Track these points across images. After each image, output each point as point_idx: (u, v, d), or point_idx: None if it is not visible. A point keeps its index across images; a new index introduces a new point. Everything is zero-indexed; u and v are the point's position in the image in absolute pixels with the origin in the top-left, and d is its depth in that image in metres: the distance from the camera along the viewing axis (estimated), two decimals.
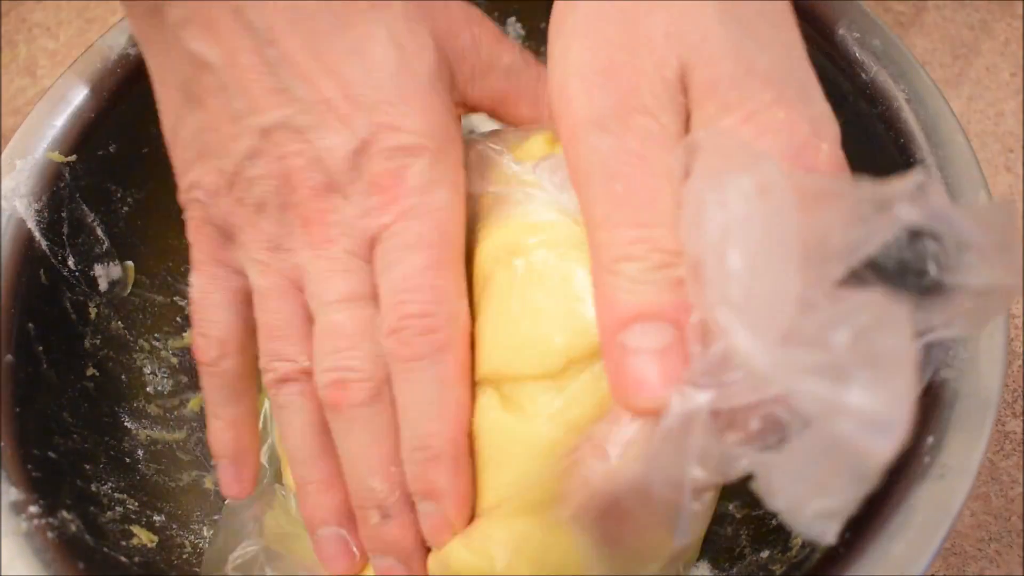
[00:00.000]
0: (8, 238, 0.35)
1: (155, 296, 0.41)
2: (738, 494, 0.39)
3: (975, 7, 0.54)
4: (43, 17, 0.57)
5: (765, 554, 0.35)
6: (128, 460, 0.37)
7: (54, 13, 0.57)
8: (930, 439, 0.29)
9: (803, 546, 0.33)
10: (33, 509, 0.31)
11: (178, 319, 0.42)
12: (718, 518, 0.38)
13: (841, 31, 0.36)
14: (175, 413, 0.40)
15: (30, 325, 0.35)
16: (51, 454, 0.34)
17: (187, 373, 0.41)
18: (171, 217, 0.34)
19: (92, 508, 0.34)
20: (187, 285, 0.35)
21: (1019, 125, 0.50)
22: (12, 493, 0.31)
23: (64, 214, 0.37)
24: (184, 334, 0.42)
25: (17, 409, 0.33)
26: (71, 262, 0.37)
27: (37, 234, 0.36)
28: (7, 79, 0.55)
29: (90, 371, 0.38)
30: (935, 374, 0.31)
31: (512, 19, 0.45)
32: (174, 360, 0.41)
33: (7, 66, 0.55)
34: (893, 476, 0.30)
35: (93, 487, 0.35)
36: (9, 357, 0.34)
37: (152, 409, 0.40)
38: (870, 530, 0.29)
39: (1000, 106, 0.51)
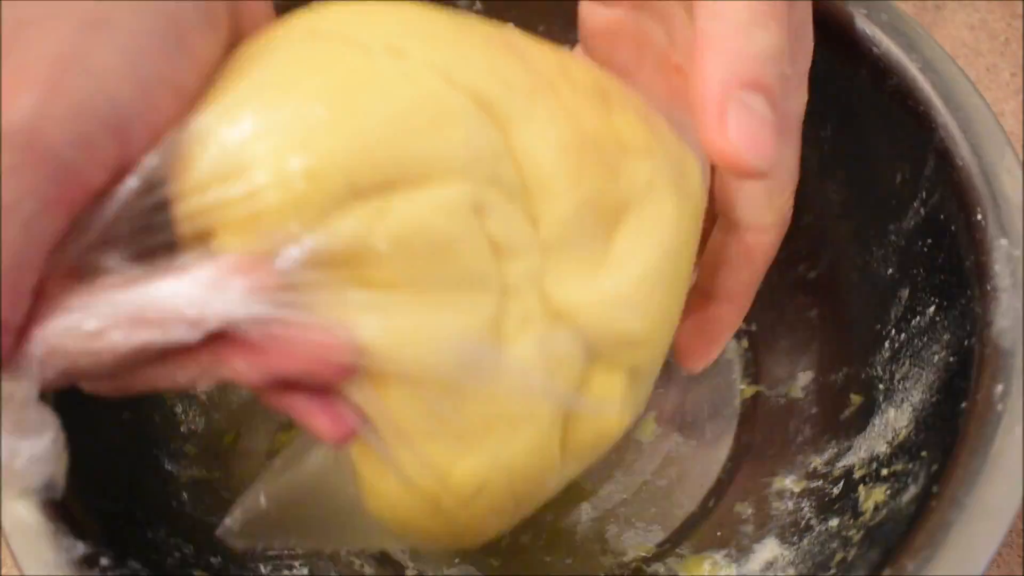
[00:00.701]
0: None
1: None
2: (792, 468, 0.39)
3: (975, 7, 0.54)
4: None
5: (835, 522, 0.35)
6: (175, 503, 0.36)
7: None
8: (999, 387, 0.30)
9: (876, 508, 0.33)
10: (104, 561, 0.30)
11: None
12: (776, 494, 0.39)
13: (848, 8, 0.37)
14: (212, 450, 0.39)
15: None
16: (108, 504, 0.32)
17: (219, 410, 0.40)
18: None
19: (154, 556, 0.33)
20: None
21: (1019, 125, 0.50)
22: (80, 547, 0.30)
23: None
24: None
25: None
26: None
27: None
28: None
29: (125, 414, 0.36)
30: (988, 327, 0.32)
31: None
32: (203, 398, 0.40)
33: None
34: (969, 427, 0.31)
35: (149, 534, 0.34)
36: None
37: (189, 448, 0.38)
38: (955, 479, 0.30)
39: (1000, 106, 0.51)
